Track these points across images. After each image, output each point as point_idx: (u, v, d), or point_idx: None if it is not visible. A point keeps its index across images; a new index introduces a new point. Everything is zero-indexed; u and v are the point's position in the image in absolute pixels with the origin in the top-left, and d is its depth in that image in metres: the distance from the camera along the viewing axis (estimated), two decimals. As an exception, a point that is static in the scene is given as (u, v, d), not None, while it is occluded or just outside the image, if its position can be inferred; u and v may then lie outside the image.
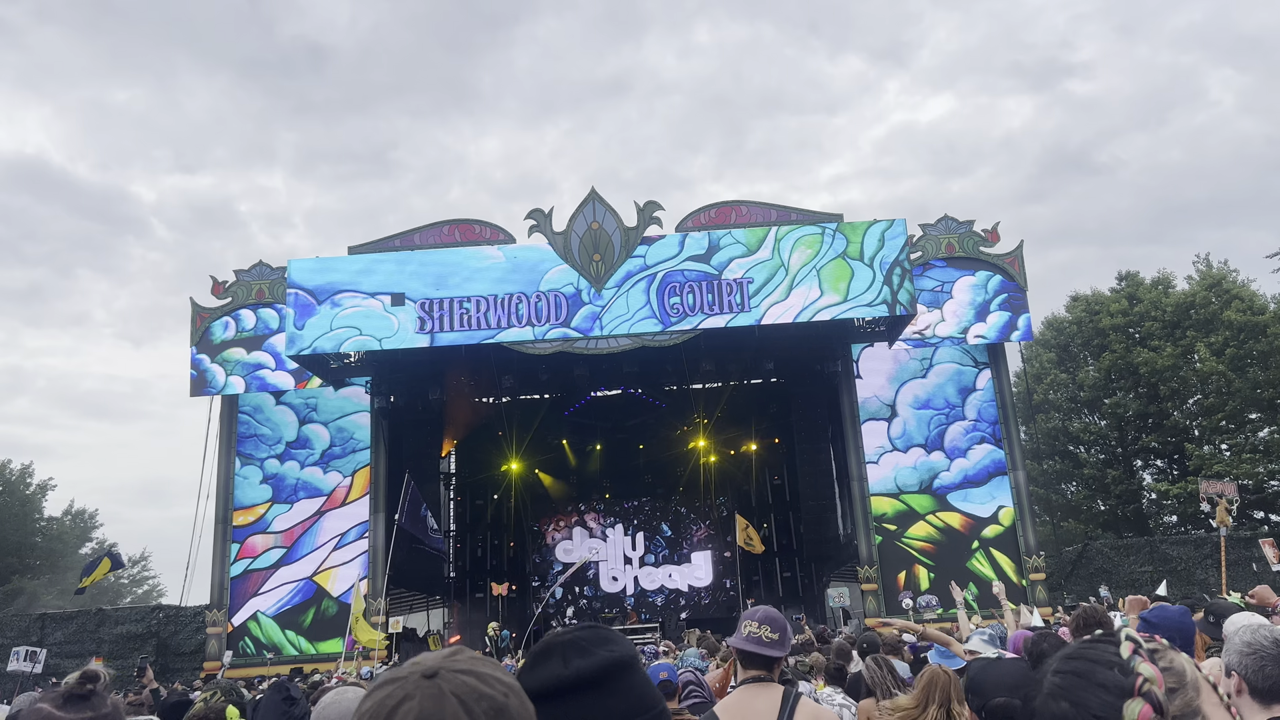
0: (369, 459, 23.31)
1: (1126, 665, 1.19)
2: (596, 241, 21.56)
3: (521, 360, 21.93)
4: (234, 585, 22.60)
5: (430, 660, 1.11)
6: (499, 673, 1.12)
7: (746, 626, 3.35)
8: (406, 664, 1.13)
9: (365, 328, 21.14)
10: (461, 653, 1.14)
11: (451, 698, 1.04)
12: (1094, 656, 1.23)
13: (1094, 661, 1.22)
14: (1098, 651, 1.24)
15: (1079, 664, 1.23)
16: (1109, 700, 1.16)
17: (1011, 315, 22.89)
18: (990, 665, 3.32)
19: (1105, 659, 1.22)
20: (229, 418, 23.53)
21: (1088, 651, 1.25)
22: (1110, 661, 1.21)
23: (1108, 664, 1.21)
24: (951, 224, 23.55)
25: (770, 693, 3.27)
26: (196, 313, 23.47)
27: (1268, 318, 33.65)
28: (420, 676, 1.07)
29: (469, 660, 1.11)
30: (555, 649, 1.49)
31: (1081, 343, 40.42)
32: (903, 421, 23.17)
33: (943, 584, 21.67)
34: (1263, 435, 35.11)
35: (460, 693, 1.04)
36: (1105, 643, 1.25)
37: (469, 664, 1.10)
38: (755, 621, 3.34)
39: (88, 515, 51.77)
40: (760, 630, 3.31)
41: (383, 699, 1.06)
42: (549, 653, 1.49)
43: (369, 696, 1.09)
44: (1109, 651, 1.23)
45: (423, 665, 1.09)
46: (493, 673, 1.10)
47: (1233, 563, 24.96)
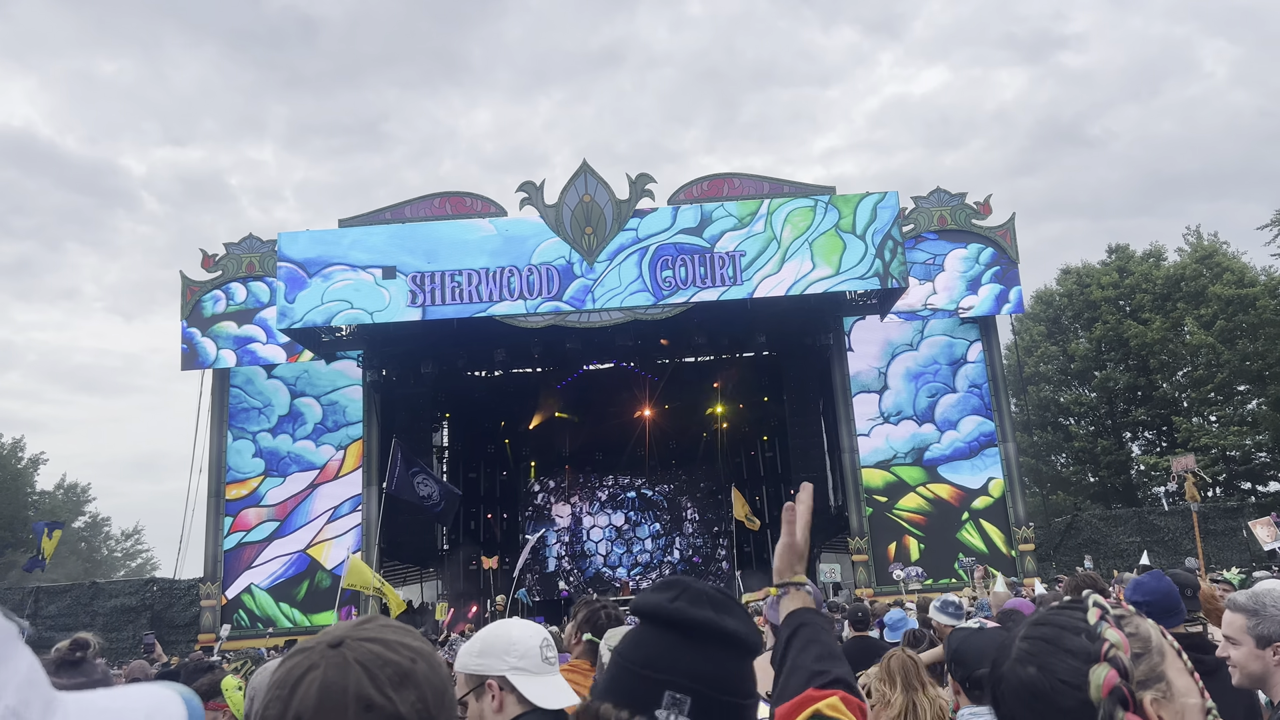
0: (361, 432, 23.33)
1: (1093, 631, 1.20)
2: (588, 214, 21.48)
3: (513, 334, 21.90)
4: (228, 558, 22.67)
5: (338, 630, 1.13)
6: (409, 639, 1.13)
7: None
8: (317, 634, 1.15)
9: (356, 301, 21.08)
10: (372, 620, 1.16)
11: (355, 666, 1.06)
12: (1061, 622, 1.24)
13: (1061, 627, 1.23)
14: (1065, 617, 1.25)
15: (1046, 630, 1.24)
16: (1075, 665, 1.18)
17: (1003, 288, 22.92)
18: (973, 635, 3.31)
19: (1072, 625, 1.23)
20: (220, 391, 23.49)
21: (1055, 617, 1.26)
22: (1077, 627, 1.22)
23: (1074, 630, 1.22)
24: (944, 196, 23.52)
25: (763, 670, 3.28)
26: (187, 286, 23.36)
27: (1257, 290, 33.76)
28: (326, 646, 1.09)
29: (378, 628, 1.13)
30: (676, 585, 1.48)
31: (1072, 315, 40.54)
32: (894, 394, 23.25)
33: (933, 555, 21.89)
34: (1250, 407, 35.34)
35: (365, 660, 1.06)
36: (1073, 609, 1.26)
37: (377, 632, 1.12)
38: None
39: (80, 489, 51.82)
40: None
41: (290, 669, 1.08)
42: (671, 586, 1.49)
43: (279, 666, 1.12)
44: (1076, 617, 1.24)
45: (329, 635, 1.12)
46: (401, 639, 1.12)
47: (1220, 532, 25.25)
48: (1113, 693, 1.14)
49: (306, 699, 1.05)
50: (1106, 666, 1.16)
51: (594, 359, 26.59)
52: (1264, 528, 16.76)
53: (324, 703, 1.04)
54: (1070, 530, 26.33)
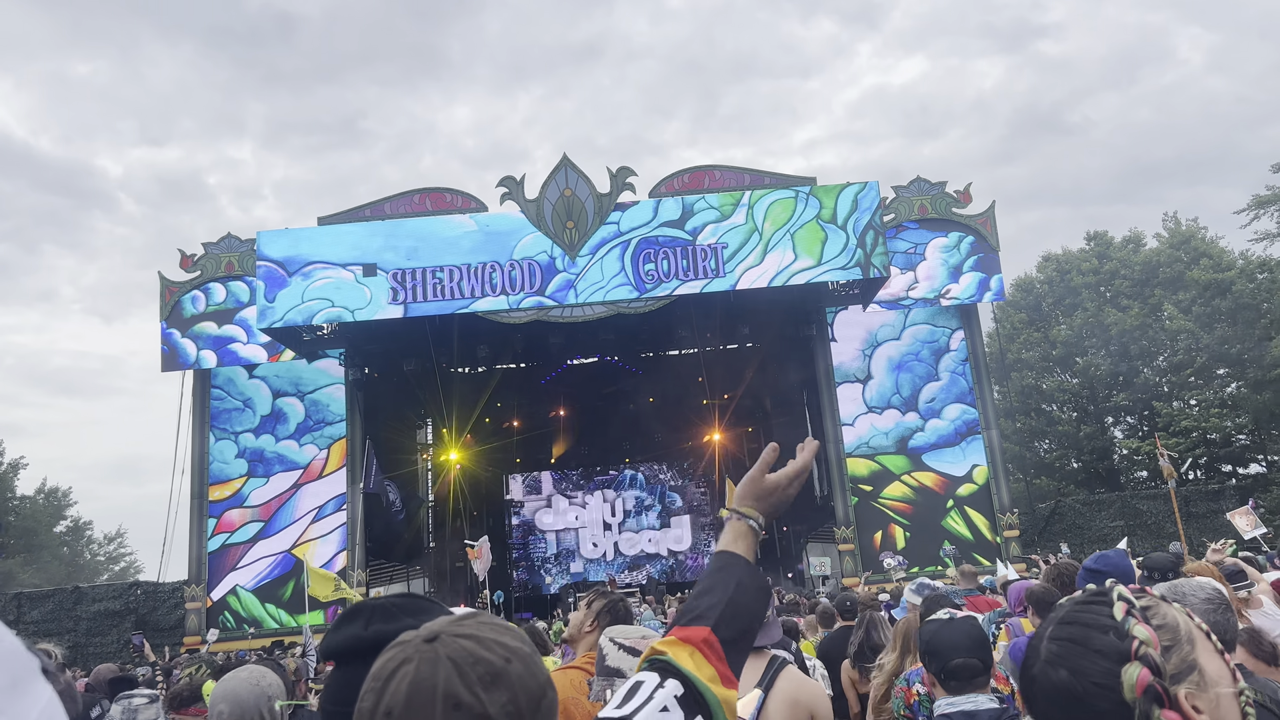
0: (344, 431, 23.20)
1: (1121, 628, 1.19)
2: (569, 208, 21.41)
3: (496, 329, 21.83)
4: (212, 560, 22.52)
5: (438, 624, 1.11)
6: (508, 637, 1.11)
7: None
8: (420, 628, 1.13)
9: (337, 299, 20.94)
10: (474, 616, 1.14)
11: (446, 661, 1.04)
12: (1088, 621, 1.22)
13: (1088, 626, 1.21)
14: (1091, 615, 1.23)
15: (1074, 629, 1.22)
16: (1107, 667, 1.16)
17: (984, 276, 23.00)
18: (945, 626, 3.24)
19: (1099, 623, 1.21)
20: (202, 392, 23.31)
21: (1081, 615, 1.24)
22: (1105, 625, 1.20)
23: (1102, 628, 1.20)
24: (924, 186, 23.57)
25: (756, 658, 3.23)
26: (165, 287, 23.15)
27: (1234, 274, 34.05)
28: (422, 640, 1.08)
29: (477, 624, 1.11)
30: (363, 611, 1.46)
31: (1053, 302, 40.79)
32: (877, 383, 23.32)
33: (919, 543, 21.99)
34: (1230, 390, 35.66)
35: (456, 656, 1.05)
36: (1098, 604, 1.24)
37: (475, 628, 1.10)
38: None
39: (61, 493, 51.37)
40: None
41: (385, 662, 1.08)
42: (356, 615, 1.46)
43: (379, 659, 1.11)
44: (1103, 614, 1.22)
45: (428, 629, 1.11)
46: (498, 637, 1.10)
47: (1202, 515, 25.48)
48: (1147, 691, 1.13)
49: (397, 694, 1.04)
50: (1138, 665, 1.14)
51: (578, 353, 26.55)
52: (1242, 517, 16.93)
53: (413, 699, 1.03)
54: (1054, 516, 26.51)
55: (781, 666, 3.20)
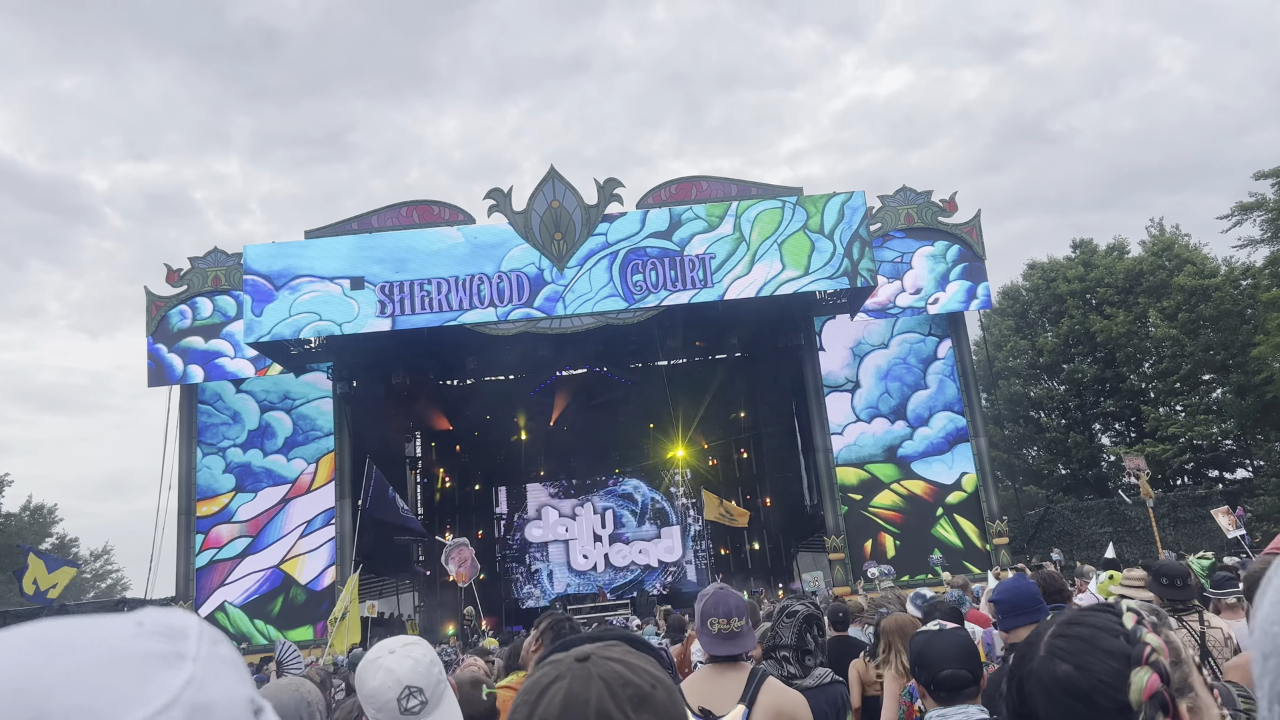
0: (333, 445, 23.10)
1: (1132, 635, 1.20)
2: (557, 220, 21.42)
3: (485, 341, 21.80)
4: (200, 576, 22.37)
5: (586, 647, 1.18)
6: (652, 666, 1.17)
7: (715, 624, 3.25)
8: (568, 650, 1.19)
9: (325, 313, 20.88)
10: (617, 645, 1.20)
11: (599, 680, 1.10)
12: (1097, 624, 1.23)
13: (1098, 628, 1.22)
14: (1100, 619, 1.24)
15: (1082, 629, 1.23)
16: (1115, 667, 1.17)
17: (971, 284, 23.11)
18: (934, 638, 3.24)
19: (1109, 627, 1.22)
20: (189, 407, 23.19)
21: (1089, 618, 1.25)
22: (1114, 630, 1.22)
23: (1112, 632, 1.21)
24: (910, 195, 23.69)
25: (738, 670, 3.23)
26: (151, 302, 23.05)
27: (1219, 280, 34.29)
28: (573, 660, 1.14)
29: (624, 651, 1.17)
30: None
31: (1039, 310, 41.00)
32: (866, 392, 23.37)
33: (909, 551, 22.01)
34: (1215, 396, 35.89)
35: (608, 677, 1.10)
36: (1105, 612, 1.26)
37: (623, 654, 1.16)
38: (720, 618, 3.24)
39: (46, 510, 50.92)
40: (730, 625, 3.23)
41: (538, 678, 1.14)
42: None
43: (529, 675, 1.18)
44: (1111, 620, 1.23)
45: (578, 650, 1.17)
46: (643, 664, 1.16)
47: (1189, 520, 25.59)
48: (1154, 697, 1.14)
49: (551, 707, 1.09)
50: (1148, 671, 1.15)
51: (566, 365, 26.52)
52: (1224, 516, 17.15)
53: (566, 712, 1.08)
54: (1043, 523, 26.59)
55: (763, 679, 3.20)
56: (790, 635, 3.96)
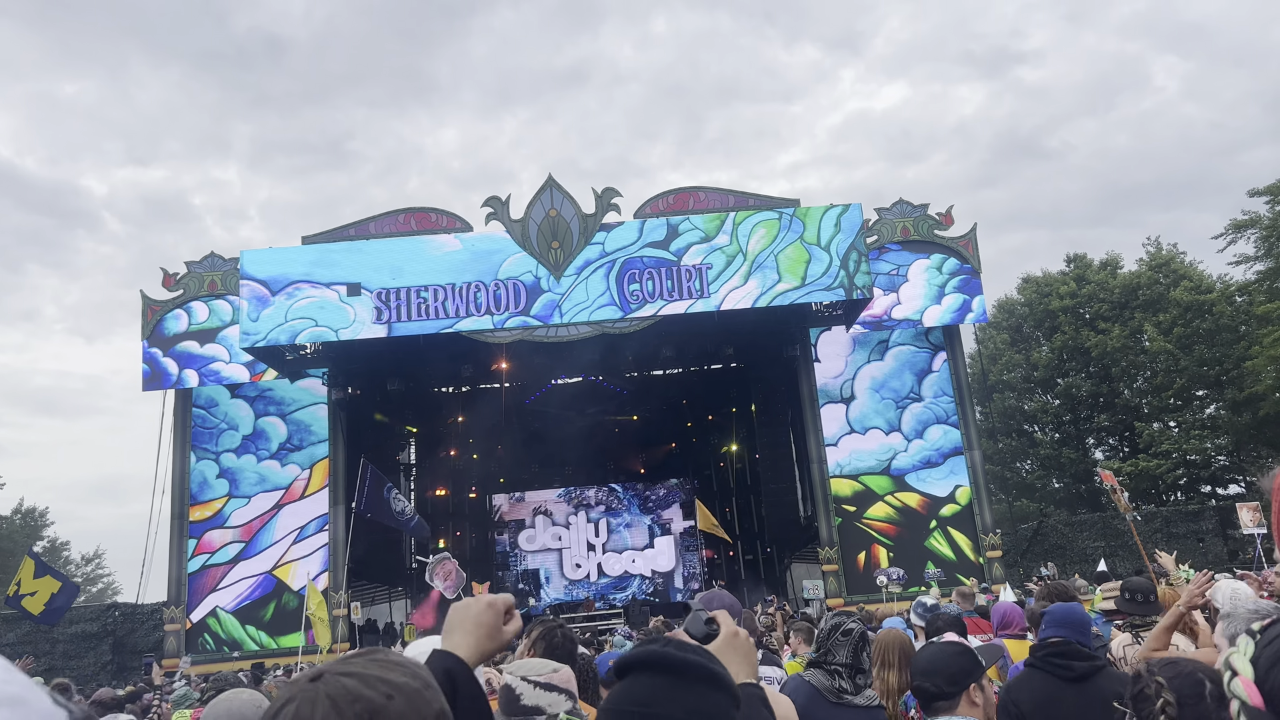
0: (327, 451, 23.05)
1: None
2: (555, 229, 21.45)
3: (481, 349, 21.80)
4: (192, 581, 22.28)
5: (331, 663, 1.14)
6: (394, 673, 1.13)
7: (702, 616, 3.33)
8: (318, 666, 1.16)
9: (321, 319, 20.87)
10: (367, 654, 1.16)
11: (325, 700, 1.06)
12: None
13: None
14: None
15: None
16: None
17: (966, 298, 23.16)
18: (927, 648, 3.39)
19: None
20: (183, 412, 23.13)
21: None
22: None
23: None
24: (906, 208, 23.76)
25: None
26: (147, 306, 23.01)
27: (1214, 296, 34.43)
28: (308, 680, 1.10)
29: (365, 662, 1.13)
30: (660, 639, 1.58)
31: (1033, 324, 41.08)
32: (861, 404, 23.38)
33: (902, 563, 21.96)
34: (1209, 412, 35.97)
35: (335, 694, 1.07)
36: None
37: (361, 666, 1.12)
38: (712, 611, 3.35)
39: (38, 513, 50.73)
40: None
41: (274, 703, 1.11)
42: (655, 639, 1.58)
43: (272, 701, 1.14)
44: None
45: (320, 668, 1.13)
46: (382, 674, 1.11)
47: (1182, 536, 25.62)
48: None
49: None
50: None
51: (562, 373, 26.53)
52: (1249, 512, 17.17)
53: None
54: (1037, 536, 26.61)
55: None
56: (846, 654, 4.00)
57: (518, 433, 30.06)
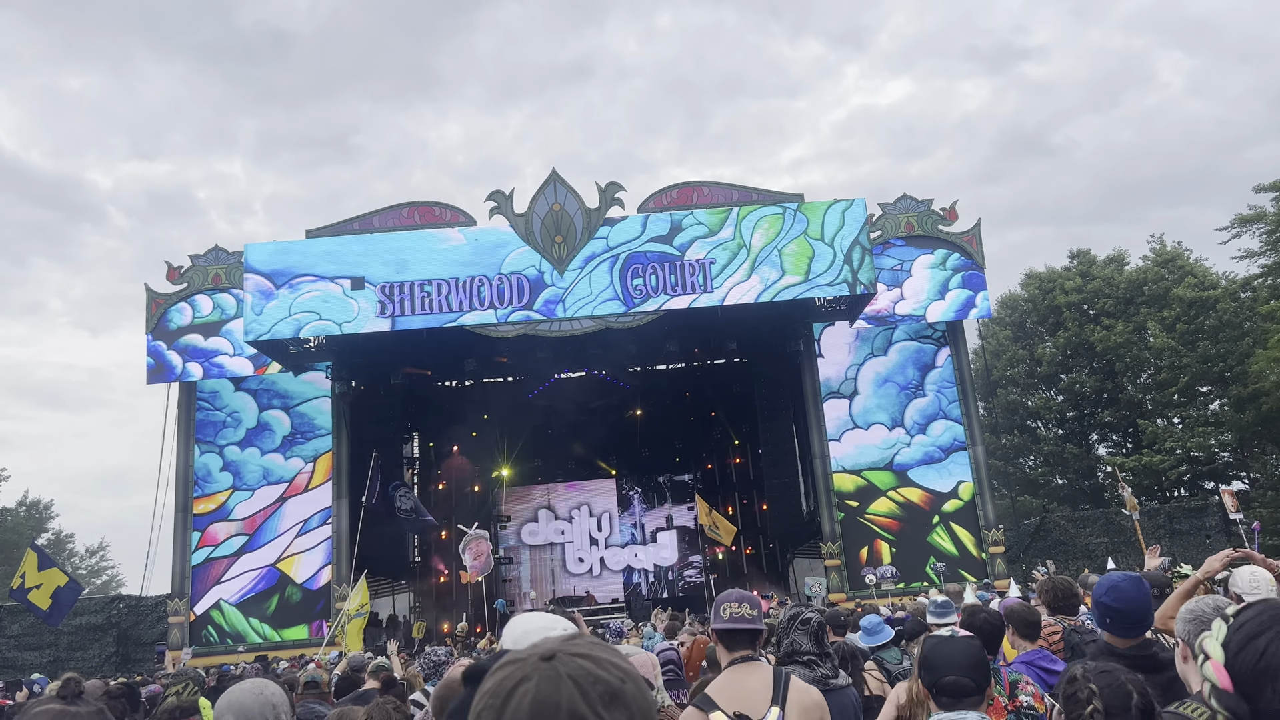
0: (331, 444, 23.11)
1: None
2: (558, 223, 21.45)
3: (484, 343, 21.81)
4: (195, 574, 22.35)
5: (549, 644, 1.13)
6: (617, 658, 1.13)
7: (726, 609, 3.47)
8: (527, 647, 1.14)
9: (325, 312, 20.89)
10: (580, 637, 1.17)
11: (568, 680, 1.05)
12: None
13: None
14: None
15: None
16: None
17: (970, 293, 23.14)
18: (943, 643, 3.30)
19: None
20: (187, 405, 23.19)
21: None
22: None
23: None
24: (910, 203, 23.73)
25: (761, 672, 3.34)
26: (152, 299, 23.05)
27: (1218, 293, 34.36)
28: (538, 659, 1.09)
29: (588, 645, 1.13)
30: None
31: (1037, 319, 41.02)
32: (864, 399, 23.39)
33: (905, 559, 22.03)
34: (1213, 408, 35.92)
35: (576, 675, 1.06)
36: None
37: (588, 648, 1.12)
38: (734, 603, 3.48)
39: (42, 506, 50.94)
40: (741, 609, 3.44)
41: (502, 679, 1.09)
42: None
43: (490, 677, 1.11)
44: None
45: (541, 648, 1.11)
46: (610, 658, 1.12)
47: (1185, 532, 25.61)
48: None
49: (519, 711, 1.05)
50: None
51: (565, 368, 26.53)
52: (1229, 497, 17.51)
53: (536, 716, 1.04)
54: (1039, 532, 26.58)
55: (788, 678, 3.32)
56: (809, 641, 4.05)
57: (520, 427, 30.08)
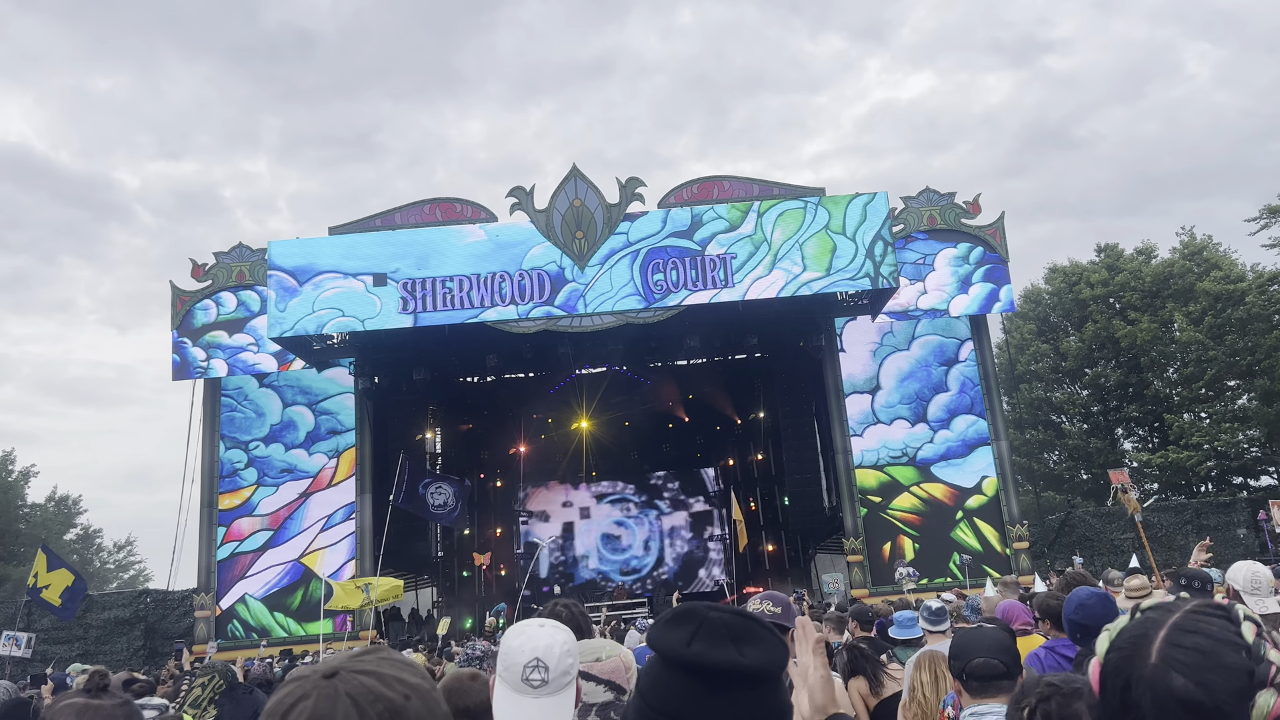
0: (354, 440, 23.24)
1: (1255, 650, 1.12)
2: (579, 218, 21.46)
3: (505, 339, 21.86)
4: (221, 568, 22.56)
5: (335, 660, 1.11)
6: (408, 674, 1.11)
7: (750, 607, 3.48)
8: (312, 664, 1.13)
9: (348, 309, 21.01)
10: (373, 652, 1.14)
11: (345, 698, 1.04)
12: (1216, 634, 1.14)
13: (1218, 640, 1.13)
14: (1218, 628, 1.15)
15: (1200, 640, 1.14)
16: (1238, 686, 1.09)
17: (994, 287, 22.96)
18: (972, 632, 3.40)
19: (1229, 639, 1.14)
20: (212, 401, 23.40)
21: (1205, 626, 1.15)
22: (1235, 643, 1.13)
23: (1233, 645, 1.13)
24: (933, 196, 23.56)
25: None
26: (176, 296, 23.27)
27: (1246, 285, 33.93)
28: (320, 677, 1.07)
29: (377, 660, 1.11)
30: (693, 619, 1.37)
31: (1061, 314, 40.65)
32: (886, 394, 23.26)
33: (928, 554, 21.91)
34: (1241, 403, 35.48)
35: (355, 693, 1.05)
36: (1219, 618, 1.17)
37: (375, 664, 1.10)
38: (758, 600, 3.55)
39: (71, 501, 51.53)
40: (762, 605, 3.48)
41: (282, 697, 1.08)
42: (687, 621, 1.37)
43: (275, 692, 1.11)
44: (1230, 631, 1.15)
45: (327, 664, 1.10)
46: (397, 674, 1.09)
47: (1214, 528, 25.31)
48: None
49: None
50: (1274, 693, 1.08)
51: (586, 363, 26.57)
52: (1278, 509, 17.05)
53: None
54: (1064, 528, 26.36)
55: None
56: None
57: (542, 423, 30.15)
